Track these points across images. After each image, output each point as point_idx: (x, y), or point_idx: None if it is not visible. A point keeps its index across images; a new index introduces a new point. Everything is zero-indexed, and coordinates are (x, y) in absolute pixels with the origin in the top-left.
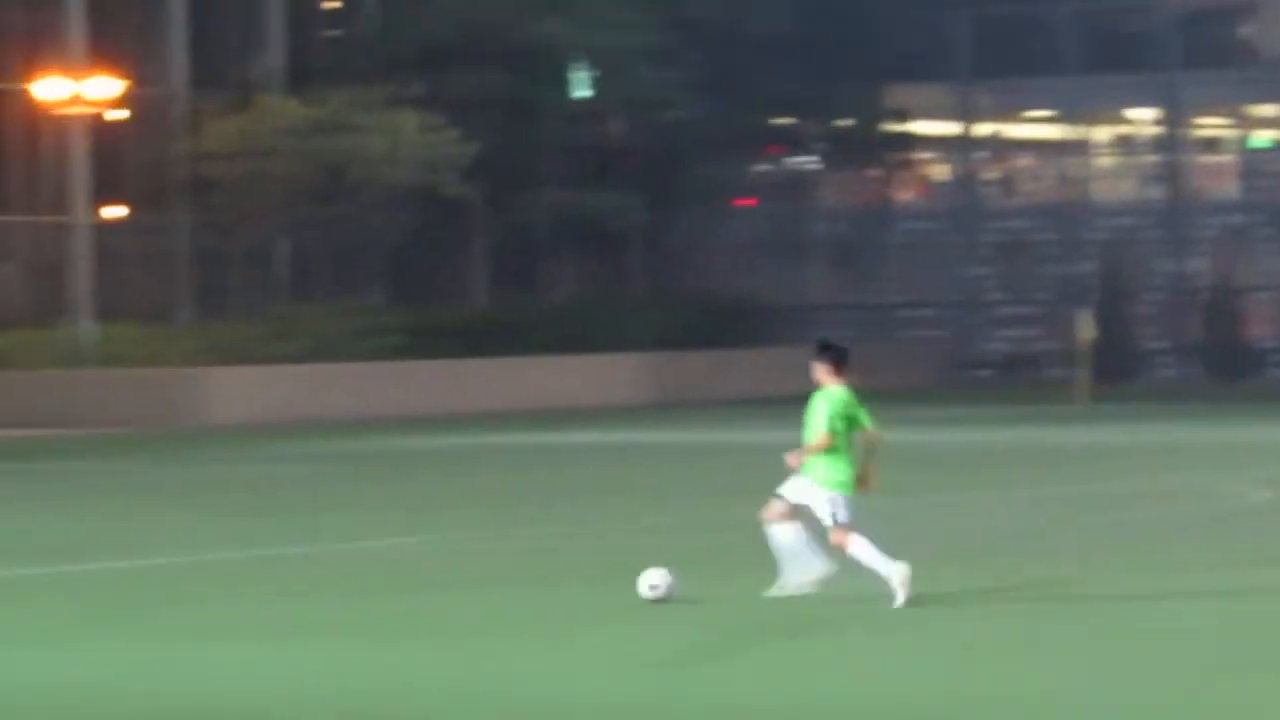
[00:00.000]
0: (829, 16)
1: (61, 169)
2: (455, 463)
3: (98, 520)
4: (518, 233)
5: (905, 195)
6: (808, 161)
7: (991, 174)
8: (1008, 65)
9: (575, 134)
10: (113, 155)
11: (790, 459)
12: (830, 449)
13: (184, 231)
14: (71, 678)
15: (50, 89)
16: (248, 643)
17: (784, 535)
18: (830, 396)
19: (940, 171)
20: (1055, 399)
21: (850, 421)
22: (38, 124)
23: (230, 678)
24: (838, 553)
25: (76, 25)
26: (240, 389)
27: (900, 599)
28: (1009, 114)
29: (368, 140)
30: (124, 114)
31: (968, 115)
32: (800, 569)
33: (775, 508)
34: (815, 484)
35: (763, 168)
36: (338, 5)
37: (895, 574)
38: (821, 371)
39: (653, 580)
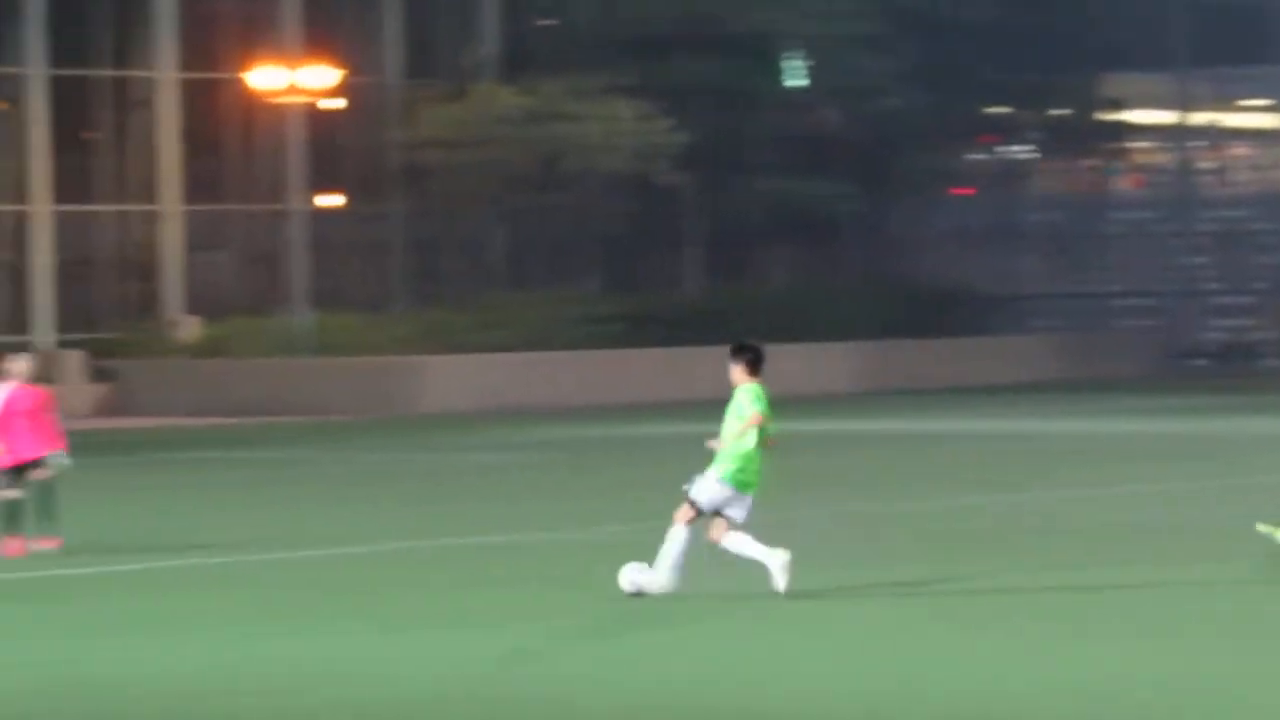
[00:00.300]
0: (1045, 5)
1: (278, 158)
2: (667, 451)
3: (312, 507)
4: (731, 221)
5: (1120, 184)
6: (1022, 150)
7: (1208, 163)
8: (1224, 53)
9: (789, 122)
10: (328, 144)
11: (711, 443)
12: (746, 445)
13: (399, 220)
14: (289, 662)
15: (266, 78)
16: (431, 631)
17: (734, 543)
18: (756, 391)
19: (1156, 160)
20: (1272, 388)
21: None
22: (254, 113)
23: (404, 664)
24: (710, 542)
25: (292, 14)
26: (454, 377)
27: (780, 585)
28: (1225, 102)
29: (582, 129)
30: (339, 103)
31: (1184, 104)
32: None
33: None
34: (717, 475)
35: (977, 156)
36: None
37: (777, 559)
38: (737, 372)
39: (631, 575)
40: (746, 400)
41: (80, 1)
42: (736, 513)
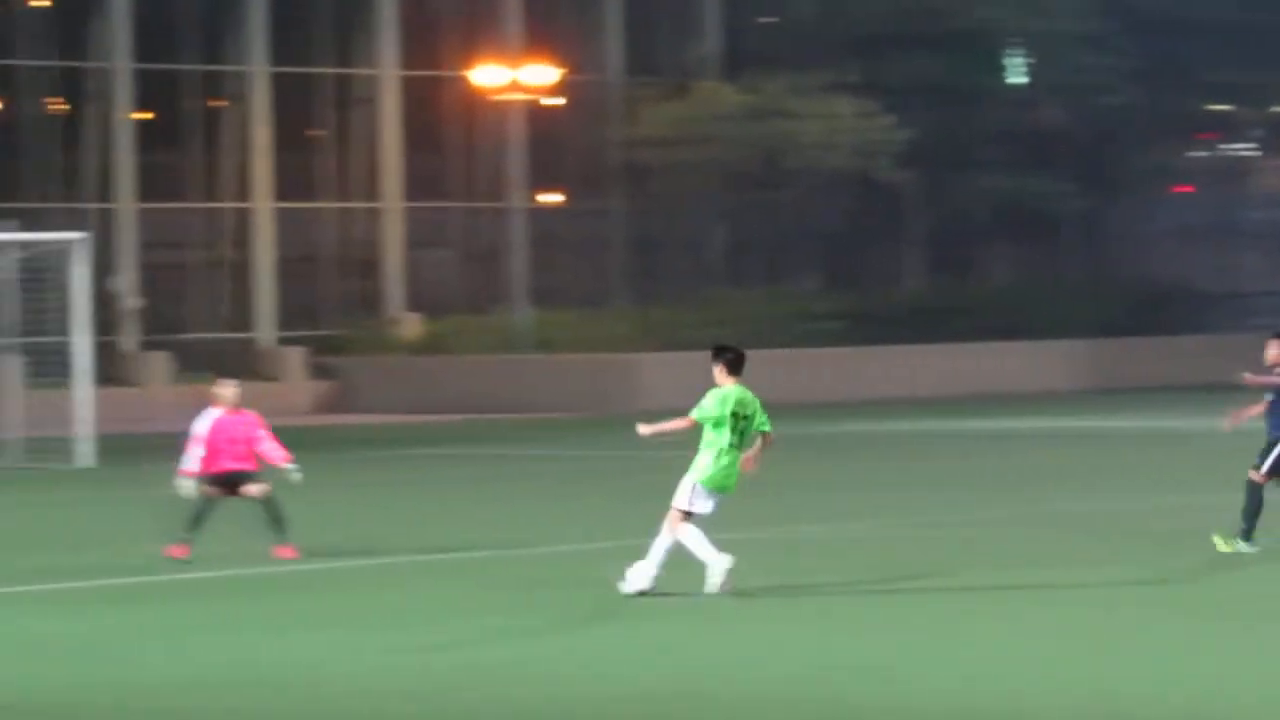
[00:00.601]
0: (1268, 3)
1: (498, 155)
2: (889, 448)
3: (529, 504)
4: (951, 218)
5: None
6: (1243, 148)
7: None
8: None
9: (1010, 119)
10: (549, 141)
11: (641, 428)
12: (711, 443)
13: (619, 217)
14: (561, 656)
15: (488, 76)
16: (641, 624)
17: (685, 536)
18: (720, 394)
19: None
20: None
21: (743, 420)
22: (475, 111)
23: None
24: (670, 533)
25: (514, 12)
26: (672, 375)
27: (714, 586)
28: None
29: (803, 126)
30: (560, 100)
31: None
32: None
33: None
34: (690, 472)
35: (1197, 154)
36: None
37: (719, 564)
38: (717, 372)
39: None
40: (707, 401)
41: (302, 1)
42: (700, 504)
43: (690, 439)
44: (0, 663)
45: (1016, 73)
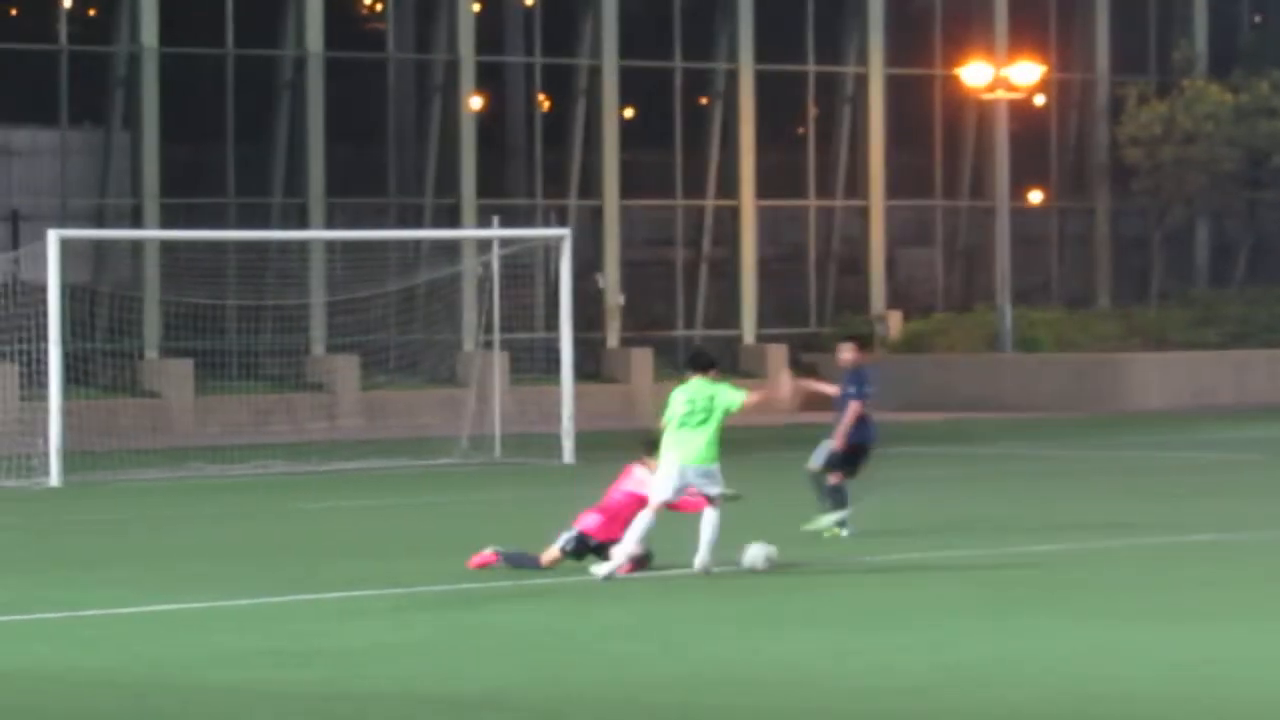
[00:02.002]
0: None
1: (982, 154)
2: None
3: (1009, 503)
4: None
5: None
6: None
7: None
8: None
9: None
10: (1033, 140)
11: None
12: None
13: (1104, 217)
14: (975, 657)
15: (974, 74)
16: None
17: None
18: (691, 385)
19: None
20: None
21: (705, 404)
22: (959, 109)
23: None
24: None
25: (1000, 11)
26: (1159, 375)
27: (602, 572)
28: None
29: None
30: (1045, 99)
31: None
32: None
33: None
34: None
35: None
36: None
37: (623, 555)
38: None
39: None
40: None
41: None
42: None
43: None
44: (501, 658)
45: None
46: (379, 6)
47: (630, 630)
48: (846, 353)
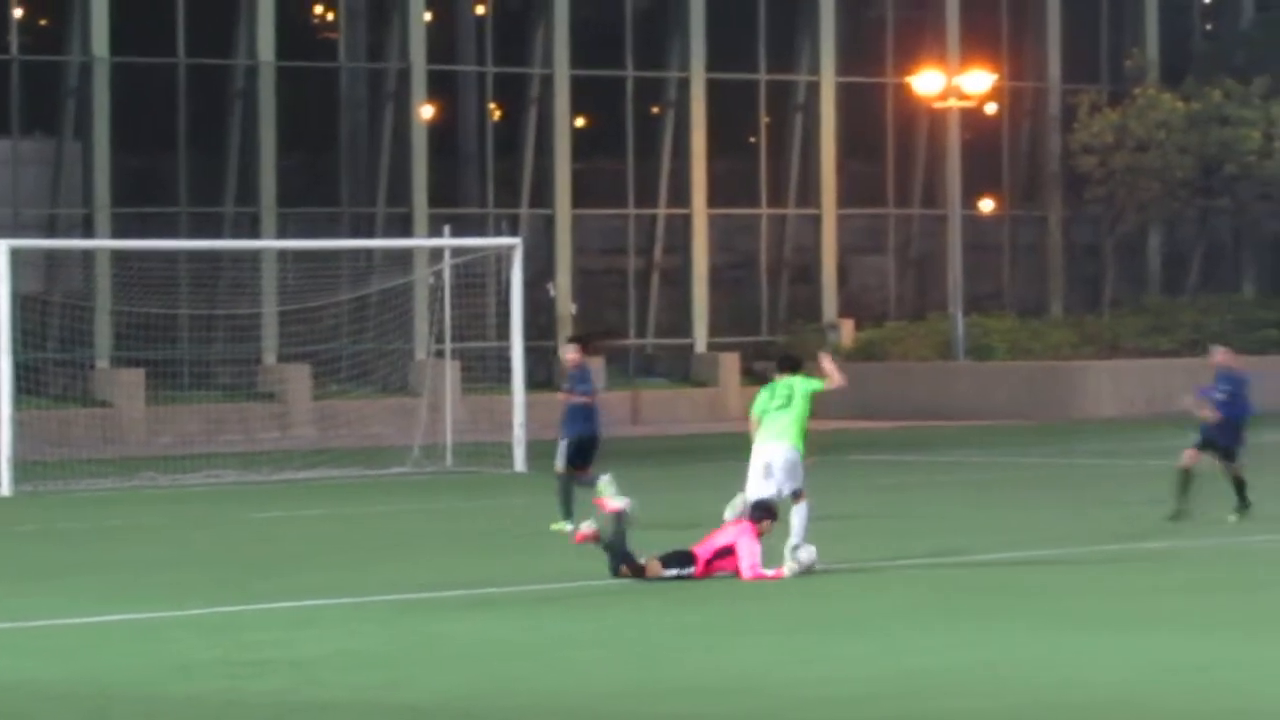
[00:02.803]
0: None
1: (933, 162)
2: None
3: (967, 510)
4: None
5: None
6: None
7: None
8: None
9: None
10: (986, 148)
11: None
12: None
13: (1057, 225)
14: (949, 663)
15: (926, 83)
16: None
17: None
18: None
19: None
20: None
21: (786, 391)
22: (912, 117)
23: (1080, 666)
24: None
25: (952, 19)
26: (1112, 382)
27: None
28: None
29: (1243, 134)
30: (997, 107)
31: None
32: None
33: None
34: None
35: None
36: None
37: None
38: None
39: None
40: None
41: (738, 7)
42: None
43: None
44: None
45: None
46: (331, 15)
47: (584, 639)
48: (570, 353)
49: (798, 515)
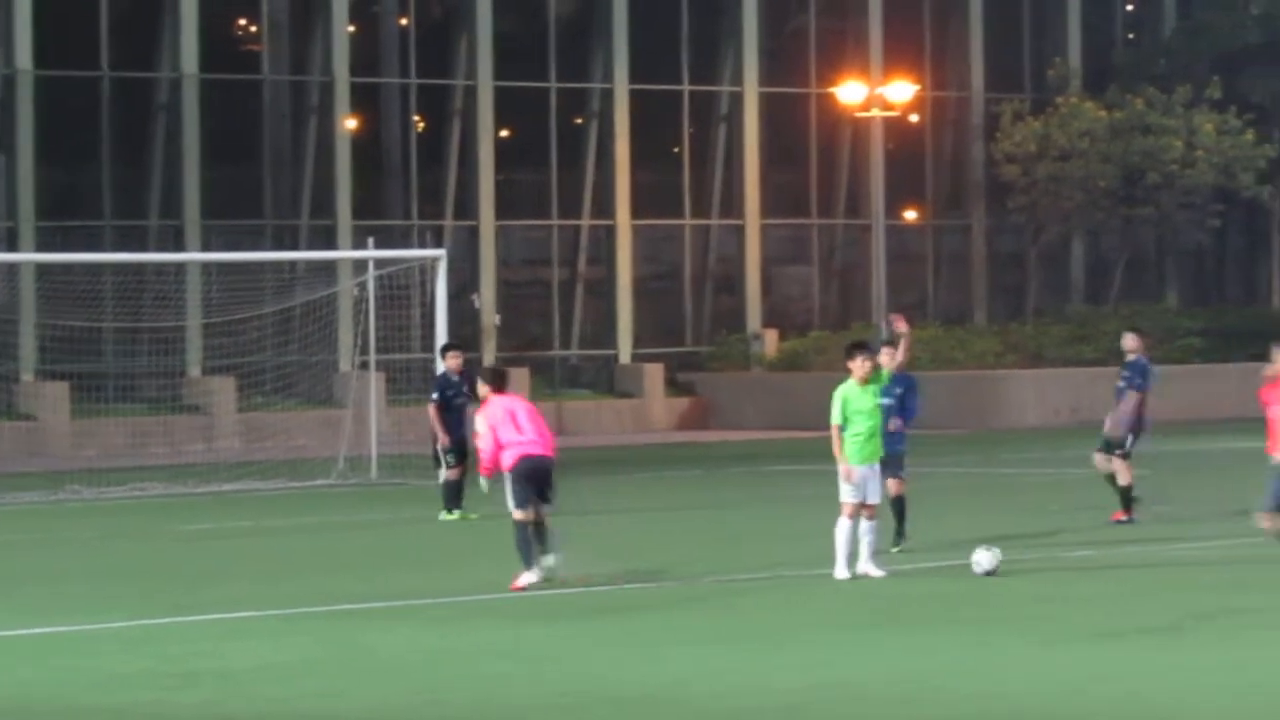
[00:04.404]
0: None
1: (858, 172)
2: (1246, 467)
3: (884, 521)
4: None
5: None
6: None
7: None
8: None
9: None
10: (909, 158)
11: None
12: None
13: (980, 234)
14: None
15: (849, 93)
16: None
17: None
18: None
19: None
20: None
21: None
22: (834, 127)
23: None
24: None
25: (875, 30)
26: (1037, 392)
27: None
28: None
29: (1165, 142)
30: (920, 117)
31: None
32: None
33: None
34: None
35: None
36: (1135, 9)
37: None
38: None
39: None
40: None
41: (661, 18)
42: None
43: None
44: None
45: None
46: (254, 28)
47: (509, 650)
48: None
49: (867, 535)
